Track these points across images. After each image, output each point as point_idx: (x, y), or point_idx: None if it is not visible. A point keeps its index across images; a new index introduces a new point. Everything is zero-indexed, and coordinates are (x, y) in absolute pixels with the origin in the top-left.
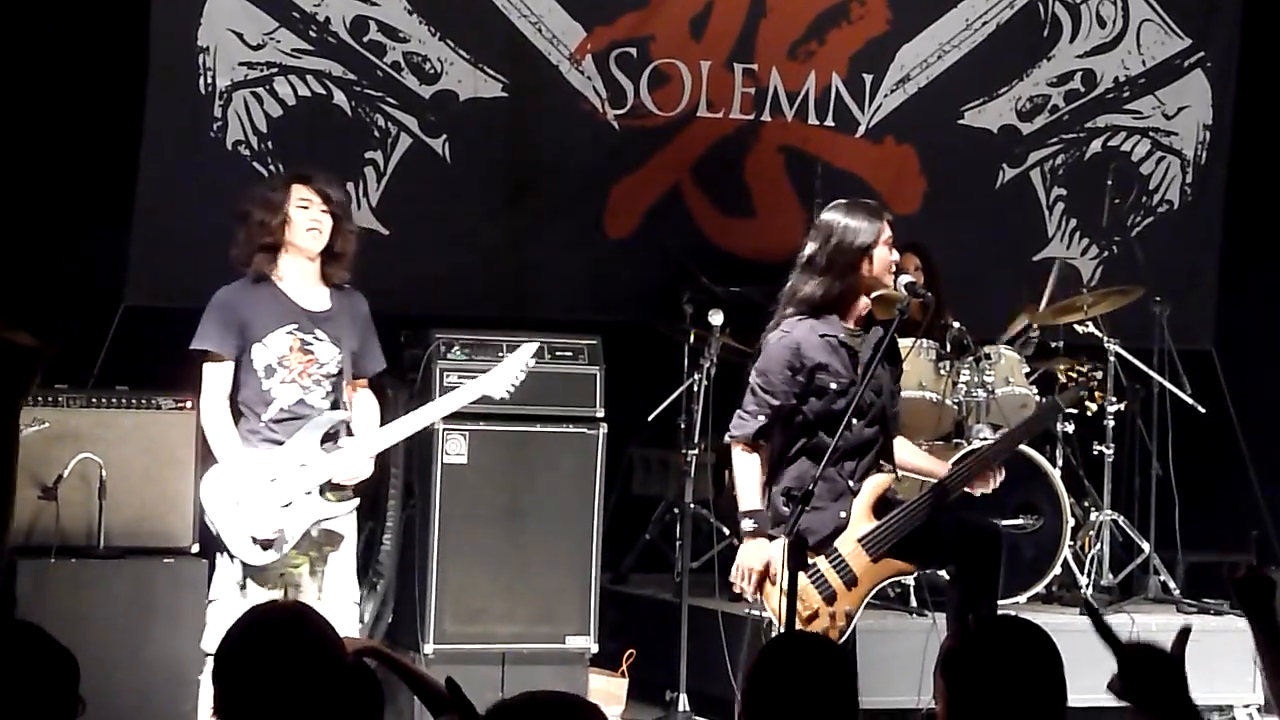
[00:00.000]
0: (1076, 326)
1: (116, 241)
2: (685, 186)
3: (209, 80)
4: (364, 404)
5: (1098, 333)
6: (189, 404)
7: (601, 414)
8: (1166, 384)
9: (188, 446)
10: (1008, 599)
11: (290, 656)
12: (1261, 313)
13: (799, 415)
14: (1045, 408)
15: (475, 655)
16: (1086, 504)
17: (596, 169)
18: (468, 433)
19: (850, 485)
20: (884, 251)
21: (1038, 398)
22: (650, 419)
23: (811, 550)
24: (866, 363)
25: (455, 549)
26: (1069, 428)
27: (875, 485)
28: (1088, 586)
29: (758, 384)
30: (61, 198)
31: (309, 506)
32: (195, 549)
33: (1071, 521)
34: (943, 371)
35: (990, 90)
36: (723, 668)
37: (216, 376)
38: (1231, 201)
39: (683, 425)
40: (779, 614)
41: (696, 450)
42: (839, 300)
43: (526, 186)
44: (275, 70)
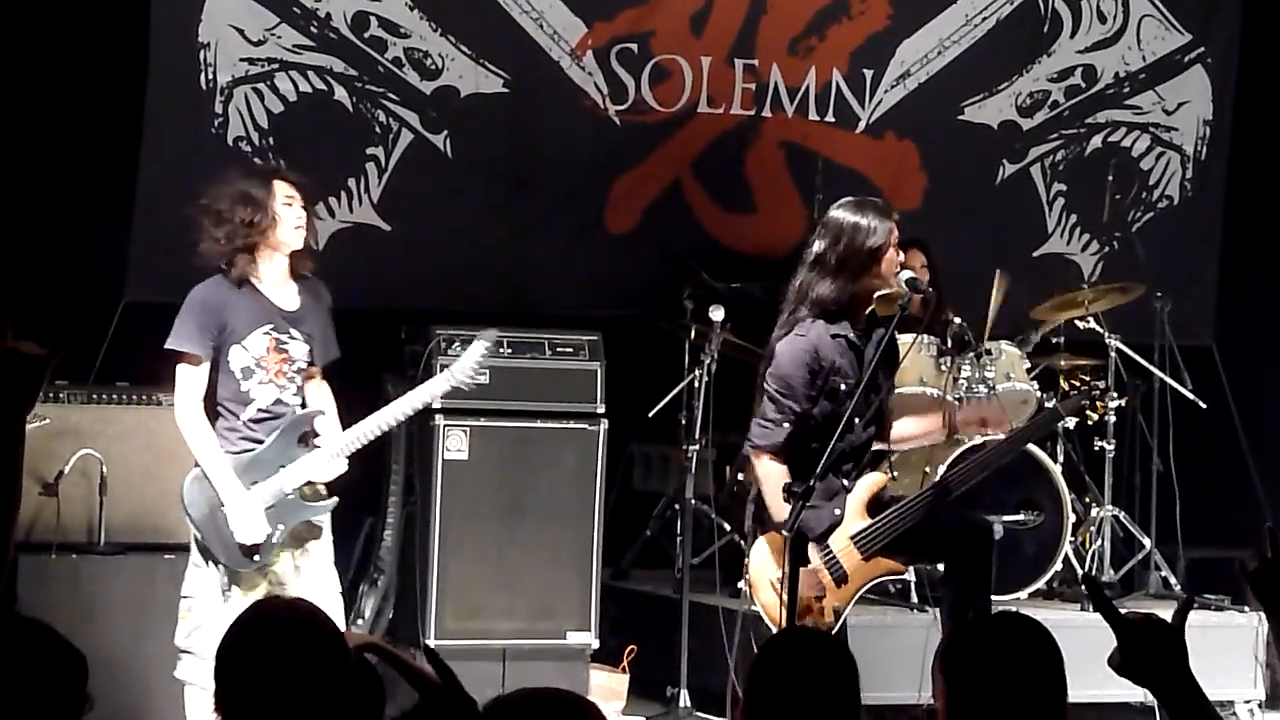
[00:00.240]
0: (1077, 322)
1: (117, 238)
2: (686, 182)
3: (210, 76)
4: (323, 396)
5: (1098, 328)
6: None
7: (602, 410)
8: (1167, 379)
9: None
10: (1008, 595)
11: (294, 652)
12: (1262, 308)
13: (810, 419)
14: (1046, 415)
15: (476, 651)
16: (1087, 500)
17: (597, 165)
18: (468, 429)
19: (845, 484)
20: (892, 254)
21: (1039, 394)
22: (651, 415)
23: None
24: (868, 362)
25: (456, 545)
26: (1069, 423)
27: (870, 484)
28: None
29: (778, 391)
30: (62, 194)
31: (289, 508)
32: None
33: (1072, 517)
34: (943, 367)
35: (991, 86)
36: (724, 663)
37: (194, 378)
38: (1232, 197)
39: (683, 421)
40: (767, 608)
41: (697, 446)
42: (850, 302)
43: (527, 182)
44: (276, 66)
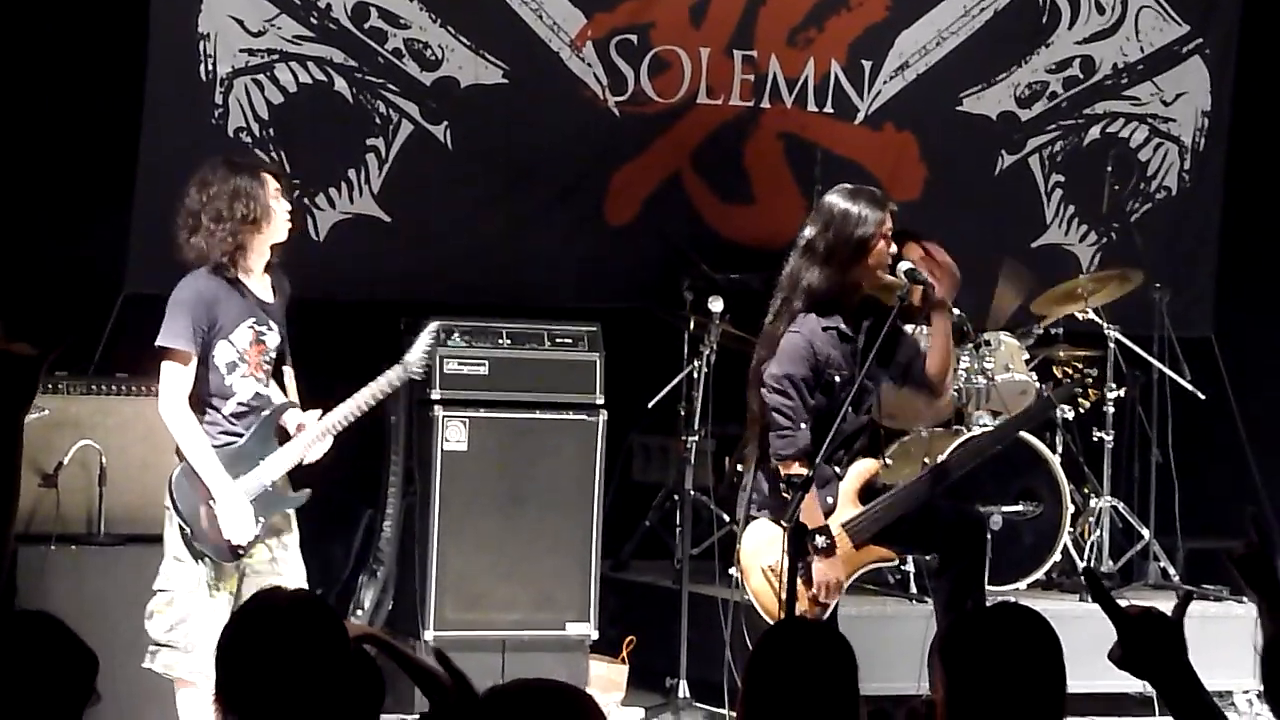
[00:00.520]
0: (1076, 314)
1: (117, 230)
2: (685, 173)
3: (210, 67)
4: (292, 385)
5: (1098, 319)
6: None
7: (601, 401)
8: (1166, 370)
9: None
10: (1007, 585)
11: (297, 642)
12: (1261, 299)
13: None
14: (1038, 404)
15: (476, 642)
16: (1086, 490)
17: (597, 156)
18: (467, 420)
19: (837, 471)
20: (882, 245)
21: (1037, 385)
22: (650, 406)
23: None
24: (863, 349)
25: (455, 536)
26: (1069, 414)
27: (861, 471)
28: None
29: (788, 393)
30: (62, 186)
31: (270, 501)
32: None
33: (1071, 508)
34: None
35: (989, 77)
36: (723, 654)
37: (182, 375)
38: (1230, 188)
39: (683, 412)
40: (758, 595)
41: (696, 437)
42: (840, 292)
43: (527, 173)
44: (276, 57)
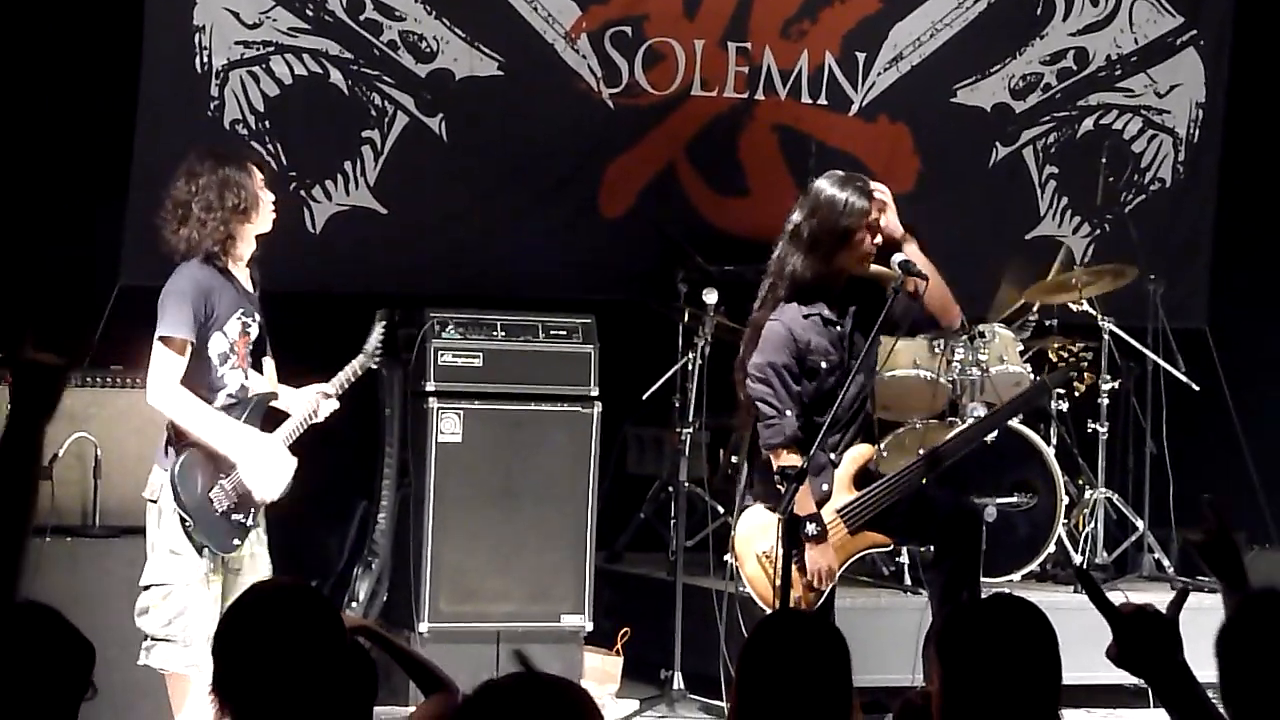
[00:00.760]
0: (1071, 305)
1: (112, 222)
2: (679, 165)
3: (205, 60)
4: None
5: (1092, 311)
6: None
7: (596, 393)
8: (1161, 362)
9: None
10: (1002, 577)
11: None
12: (1255, 291)
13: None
14: (1033, 388)
15: (470, 634)
16: (1081, 482)
17: (591, 148)
18: (462, 412)
19: (832, 458)
20: (865, 236)
21: (1032, 376)
22: (645, 398)
23: None
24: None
25: (450, 528)
26: (1063, 406)
27: (856, 457)
28: (1082, 564)
29: (770, 381)
30: (57, 178)
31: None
32: None
33: (1066, 499)
34: (937, 350)
35: (983, 69)
36: (718, 646)
37: (176, 363)
38: (1225, 180)
39: (677, 404)
40: (752, 581)
41: (691, 429)
42: (824, 279)
43: (521, 166)
44: (272, 49)
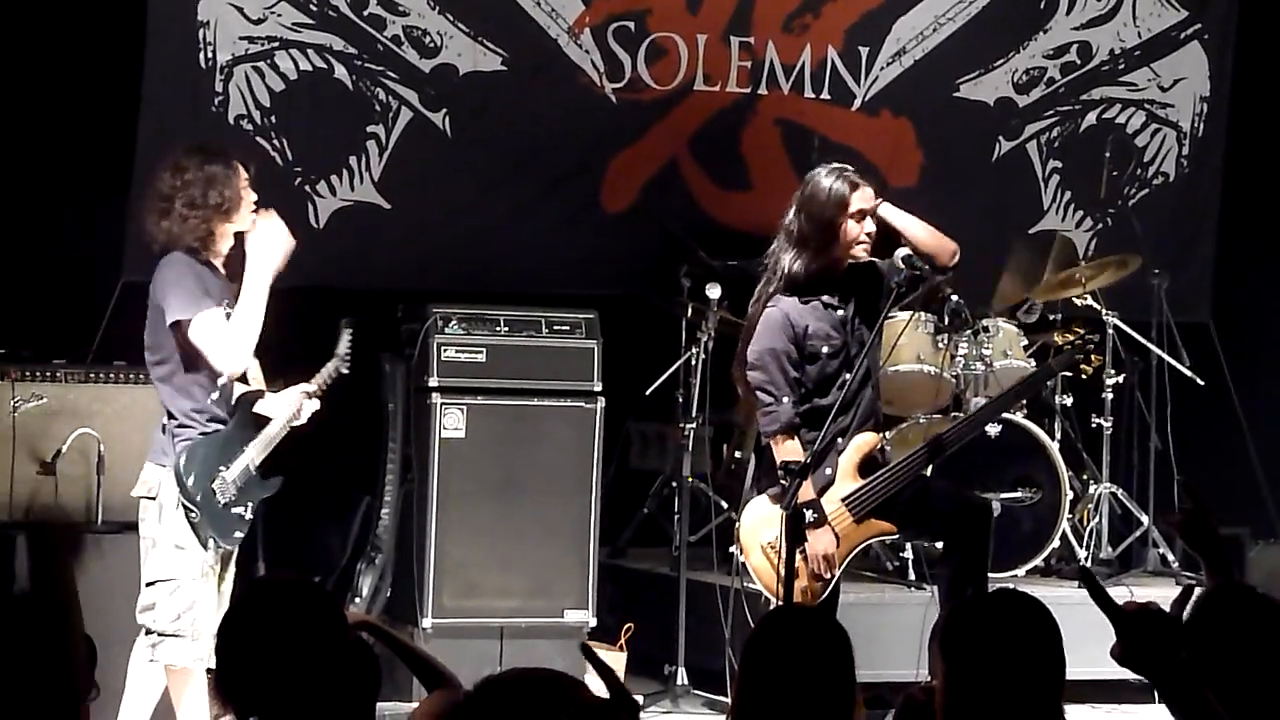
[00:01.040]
0: (1075, 299)
1: (115, 217)
2: (682, 160)
3: (209, 55)
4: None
5: (1096, 305)
6: None
7: (599, 388)
8: (1165, 356)
9: None
10: (1006, 572)
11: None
12: (1259, 285)
13: (801, 386)
14: (1040, 370)
15: (473, 629)
16: (1085, 477)
17: (594, 143)
18: (465, 407)
19: (838, 443)
20: (852, 225)
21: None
22: (648, 393)
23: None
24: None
25: (453, 523)
26: (1067, 400)
27: (862, 444)
28: (1087, 559)
29: (767, 367)
30: (60, 173)
31: (254, 486)
32: None
33: (1070, 494)
34: (940, 345)
35: (986, 63)
36: (721, 641)
37: (219, 326)
38: (1229, 174)
39: (680, 399)
40: (758, 571)
41: (694, 424)
42: (818, 274)
43: (525, 160)
44: (276, 44)
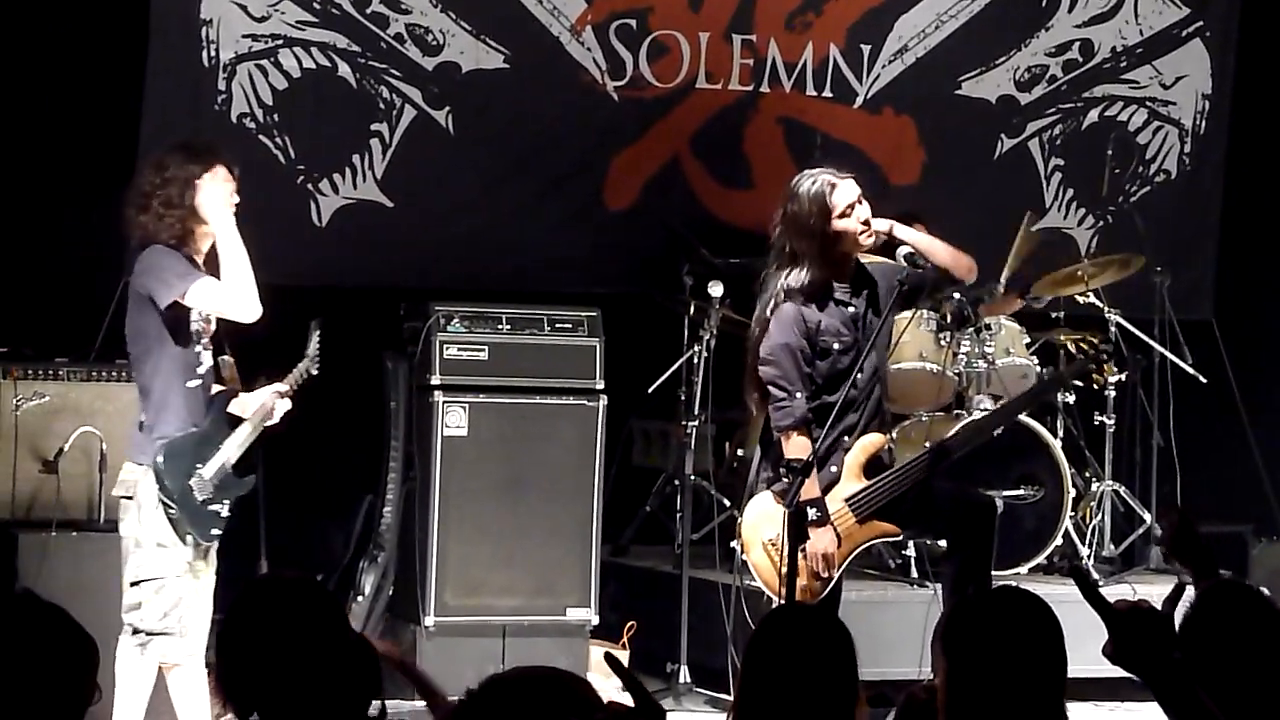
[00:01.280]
0: (1077, 297)
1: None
2: (684, 158)
3: (212, 53)
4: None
5: (1098, 303)
6: None
7: (601, 386)
8: (1167, 354)
9: None
10: (1008, 570)
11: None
12: (1262, 283)
13: (812, 381)
14: (1050, 379)
15: (476, 628)
16: (1088, 474)
17: (596, 141)
18: (467, 405)
19: (844, 441)
20: (846, 222)
21: (1038, 369)
22: (650, 391)
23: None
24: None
25: (455, 522)
26: (1070, 398)
27: (867, 444)
28: (1089, 557)
29: (780, 362)
30: (63, 171)
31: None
32: None
33: (1072, 492)
34: (943, 342)
35: (988, 60)
36: (724, 639)
37: (209, 281)
38: (1231, 171)
39: (683, 397)
40: (758, 568)
41: (696, 422)
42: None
43: (527, 159)
44: (280, 42)
